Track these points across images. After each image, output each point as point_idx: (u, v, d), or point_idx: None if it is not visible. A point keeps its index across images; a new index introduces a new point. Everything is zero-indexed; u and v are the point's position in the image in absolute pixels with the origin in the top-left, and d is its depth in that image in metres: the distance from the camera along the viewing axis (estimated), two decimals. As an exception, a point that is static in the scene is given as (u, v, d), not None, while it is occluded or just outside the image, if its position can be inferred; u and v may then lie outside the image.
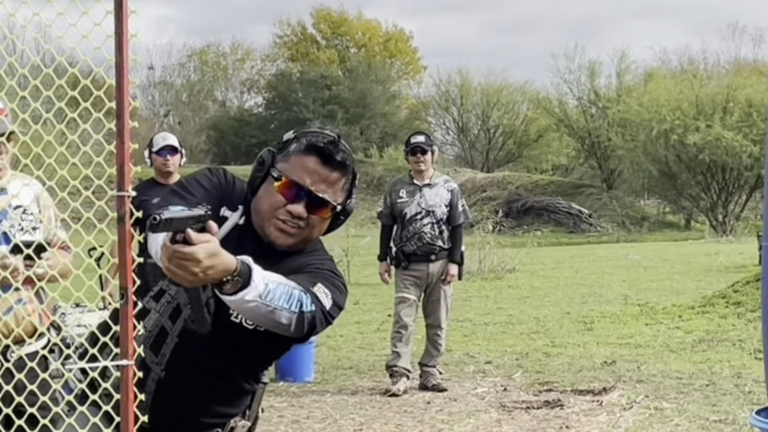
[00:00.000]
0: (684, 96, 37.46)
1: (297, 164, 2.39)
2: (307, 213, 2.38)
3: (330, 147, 2.39)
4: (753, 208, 36.96)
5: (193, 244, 2.01)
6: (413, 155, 7.70)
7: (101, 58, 1.91)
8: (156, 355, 2.38)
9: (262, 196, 2.41)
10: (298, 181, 2.38)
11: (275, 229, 2.39)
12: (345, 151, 2.42)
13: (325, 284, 2.40)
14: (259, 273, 2.17)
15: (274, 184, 2.39)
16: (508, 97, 51.97)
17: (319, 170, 2.39)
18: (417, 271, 7.64)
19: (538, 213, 38.37)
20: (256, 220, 2.43)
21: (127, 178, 1.90)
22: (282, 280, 2.25)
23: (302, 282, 2.32)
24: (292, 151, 2.41)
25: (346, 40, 57.44)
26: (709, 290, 13.16)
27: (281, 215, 2.38)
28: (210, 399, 2.45)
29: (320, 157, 2.39)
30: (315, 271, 2.42)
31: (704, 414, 6.52)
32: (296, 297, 2.26)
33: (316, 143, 2.40)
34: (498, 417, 6.72)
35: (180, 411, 2.41)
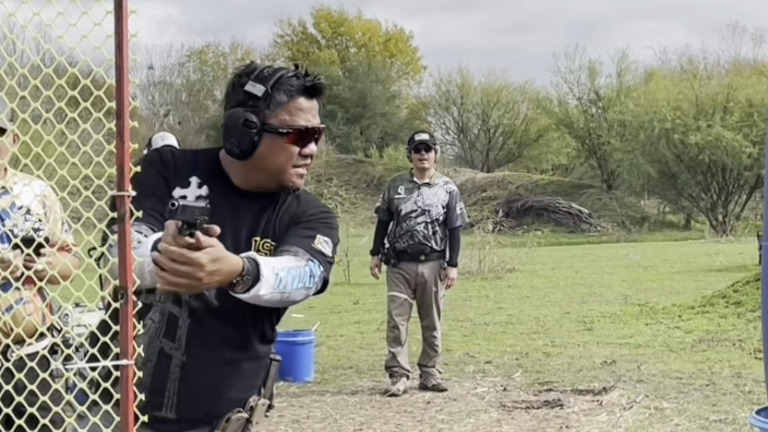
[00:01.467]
0: (684, 96, 37.45)
1: (293, 110, 2.42)
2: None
3: (312, 80, 2.44)
4: (753, 208, 36.95)
5: (202, 246, 2.04)
6: (417, 152, 7.69)
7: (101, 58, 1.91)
8: (173, 341, 2.39)
9: (269, 154, 2.41)
10: (306, 126, 2.43)
11: (296, 177, 2.45)
12: (319, 76, 2.48)
13: (322, 231, 2.46)
14: (268, 265, 2.20)
15: (280, 139, 2.41)
16: (509, 97, 51.95)
17: (311, 106, 2.45)
18: (405, 271, 7.63)
19: (538, 213, 38.37)
20: (262, 177, 2.45)
21: (127, 178, 1.90)
22: (290, 263, 2.29)
23: (303, 243, 2.38)
24: (281, 101, 2.41)
25: (347, 39, 57.44)
26: (709, 290, 13.17)
27: (299, 162, 2.44)
28: (232, 371, 2.44)
29: (307, 94, 2.44)
30: (310, 219, 2.48)
31: (704, 414, 6.52)
32: (307, 273, 2.32)
33: (303, 84, 2.43)
34: (498, 417, 6.72)
35: (206, 391, 2.42)
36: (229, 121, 2.41)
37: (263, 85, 2.40)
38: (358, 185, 44.15)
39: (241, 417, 2.50)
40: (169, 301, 2.38)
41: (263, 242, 2.45)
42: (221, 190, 2.45)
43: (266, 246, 2.45)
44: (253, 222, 2.46)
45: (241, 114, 2.39)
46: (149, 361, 2.38)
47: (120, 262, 1.91)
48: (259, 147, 2.41)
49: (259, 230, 2.46)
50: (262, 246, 2.44)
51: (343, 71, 55.05)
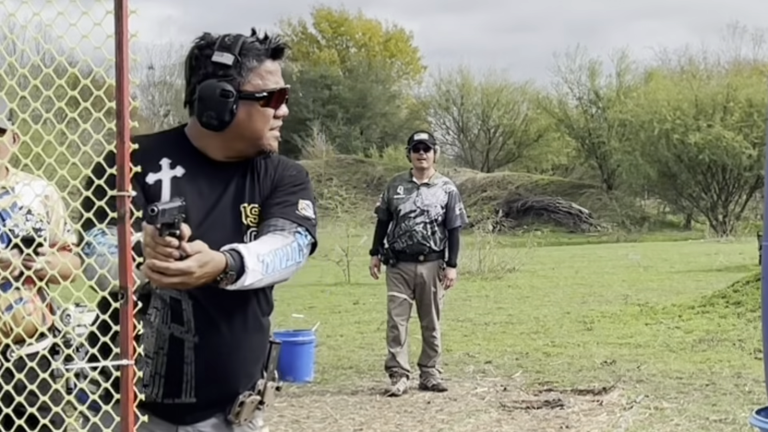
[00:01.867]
0: (683, 96, 37.44)
1: (264, 74, 2.45)
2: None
3: (277, 42, 2.47)
4: (753, 207, 36.94)
5: (189, 254, 2.08)
6: (416, 152, 7.69)
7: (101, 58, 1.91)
8: (182, 325, 2.39)
9: (248, 120, 2.43)
10: (277, 88, 2.46)
11: (273, 139, 2.49)
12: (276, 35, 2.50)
13: (302, 194, 2.51)
14: (252, 254, 2.24)
15: (256, 104, 2.43)
16: (509, 97, 51.94)
17: (276, 68, 2.48)
18: (404, 271, 7.63)
19: (538, 213, 38.35)
20: (240, 145, 2.46)
21: (127, 178, 1.90)
22: (276, 244, 2.33)
23: (289, 213, 2.43)
24: (251, 67, 2.43)
25: (347, 39, 57.43)
26: (709, 290, 13.16)
27: (274, 124, 2.48)
28: (243, 344, 2.45)
29: (273, 56, 2.47)
30: (290, 183, 2.51)
31: (704, 414, 6.52)
32: (295, 249, 2.37)
33: (268, 48, 2.46)
34: (498, 417, 6.73)
35: (223, 368, 2.43)
36: (204, 94, 2.39)
37: (231, 53, 2.41)
38: (358, 185, 44.14)
39: (255, 399, 2.51)
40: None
41: (251, 208, 2.47)
42: (197, 167, 2.45)
43: (254, 211, 2.47)
44: (238, 190, 2.47)
45: (216, 85, 2.39)
46: (161, 349, 2.38)
47: (120, 262, 1.91)
48: (237, 115, 2.41)
49: (246, 197, 2.47)
50: (250, 212, 2.46)
51: (343, 71, 55.04)
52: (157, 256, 2.09)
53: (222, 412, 2.49)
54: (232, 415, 2.48)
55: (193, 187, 2.42)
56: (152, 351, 2.38)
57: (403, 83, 58.41)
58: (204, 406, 2.44)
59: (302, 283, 16.82)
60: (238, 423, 2.49)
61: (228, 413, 2.48)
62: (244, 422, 2.51)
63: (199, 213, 2.39)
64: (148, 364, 2.36)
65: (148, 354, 2.36)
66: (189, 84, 2.45)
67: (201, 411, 2.45)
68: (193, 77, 2.43)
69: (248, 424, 2.54)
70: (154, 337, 2.38)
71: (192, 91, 2.43)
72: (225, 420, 2.49)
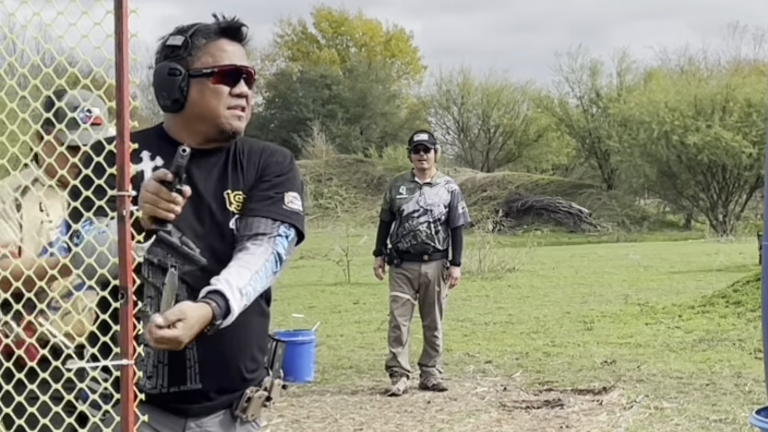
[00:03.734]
0: (682, 96, 37.44)
1: (215, 51, 2.43)
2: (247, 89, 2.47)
3: (233, 24, 2.46)
4: (753, 207, 36.94)
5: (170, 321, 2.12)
6: (416, 153, 7.70)
7: (101, 57, 1.91)
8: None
9: (201, 99, 2.42)
10: (230, 64, 2.43)
11: (233, 118, 2.45)
12: (243, 24, 2.49)
13: (289, 185, 2.49)
14: (234, 292, 2.24)
15: (207, 80, 2.41)
16: (509, 97, 51.96)
17: (234, 48, 2.45)
18: (409, 271, 7.64)
19: (538, 212, 38.35)
20: (202, 127, 2.45)
21: (127, 178, 1.90)
22: (254, 267, 2.31)
23: (273, 210, 2.42)
24: (201, 45, 2.43)
25: (347, 39, 57.42)
26: (709, 290, 13.17)
27: (231, 103, 2.44)
28: (244, 326, 2.42)
29: (229, 36, 2.45)
30: (275, 171, 2.50)
31: (704, 413, 6.52)
32: (272, 261, 2.36)
33: (222, 26, 2.45)
34: (498, 416, 6.72)
35: (226, 351, 2.42)
36: (155, 77, 2.42)
37: (182, 35, 2.43)
38: (358, 185, 44.13)
39: (262, 395, 2.51)
40: (158, 274, 2.35)
41: (235, 195, 2.46)
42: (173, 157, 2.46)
43: (238, 198, 2.46)
44: (220, 177, 2.47)
45: (165, 65, 2.41)
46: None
47: (120, 262, 1.91)
48: (190, 95, 2.41)
49: (229, 184, 2.47)
50: (234, 198, 2.46)
51: (343, 71, 55.03)
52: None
53: (228, 408, 2.48)
54: (239, 410, 2.48)
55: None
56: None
57: (403, 83, 58.41)
58: (210, 393, 2.43)
59: (302, 283, 16.83)
60: (245, 418, 2.49)
61: (235, 408, 2.48)
62: (251, 417, 2.51)
63: (197, 196, 2.39)
64: (149, 354, 2.35)
65: (148, 344, 2.36)
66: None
67: (208, 401, 2.44)
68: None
69: (253, 422, 2.53)
70: None
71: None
72: (231, 416, 2.49)
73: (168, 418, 2.42)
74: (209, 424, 2.46)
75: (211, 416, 2.46)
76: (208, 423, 2.46)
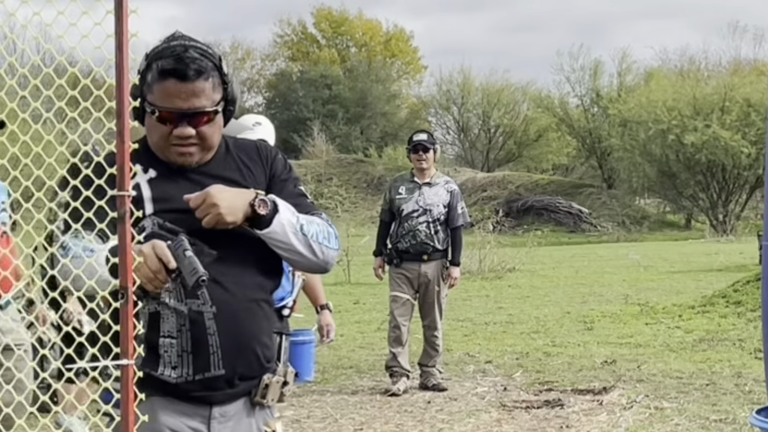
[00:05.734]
0: (681, 96, 37.45)
1: (161, 92, 2.40)
2: (194, 129, 2.42)
3: (179, 66, 2.37)
4: (753, 207, 36.95)
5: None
6: (415, 153, 7.70)
7: (101, 57, 1.91)
8: (197, 298, 2.42)
9: (149, 129, 2.45)
10: (170, 108, 2.38)
11: (177, 155, 2.45)
12: (197, 58, 2.38)
13: (299, 180, 2.62)
14: (284, 204, 2.41)
15: (152, 116, 2.42)
16: (509, 97, 51.98)
17: (181, 88, 2.37)
18: (409, 271, 7.64)
19: (538, 212, 38.38)
20: (158, 153, 2.47)
21: (127, 178, 1.90)
22: (307, 215, 2.47)
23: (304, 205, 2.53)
24: (150, 80, 2.40)
25: (347, 39, 57.43)
26: (709, 290, 13.17)
27: (174, 141, 2.43)
28: (257, 310, 2.48)
29: (176, 77, 2.37)
30: (282, 171, 2.56)
31: (704, 413, 6.52)
32: (332, 228, 2.53)
33: (165, 67, 2.38)
34: (498, 416, 6.72)
35: (244, 334, 2.46)
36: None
37: (144, 60, 2.42)
38: (358, 185, 44.15)
39: (279, 380, 2.56)
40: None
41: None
42: (166, 169, 2.47)
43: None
44: (220, 181, 2.47)
45: (134, 84, 2.40)
46: (183, 327, 2.40)
47: (120, 262, 1.91)
48: (145, 121, 2.44)
49: (236, 185, 2.48)
50: None
51: (343, 71, 55.04)
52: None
53: (248, 396, 2.53)
54: (258, 396, 2.53)
55: (171, 184, 2.45)
56: (175, 330, 2.40)
57: (403, 83, 58.43)
58: (234, 379, 2.47)
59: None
60: (266, 403, 2.55)
61: (254, 396, 2.53)
62: (272, 403, 2.57)
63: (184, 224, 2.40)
64: (173, 344, 2.39)
65: (171, 334, 2.39)
66: None
67: (231, 387, 2.48)
68: None
69: (269, 410, 2.59)
70: (173, 316, 2.40)
71: None
72: (251, 404, 2.54)
73: (193, 408, 2.46)
74: (231, 412, 2.51)
75: (233, 404, 2.51)
76: (231, 411, 2.51)
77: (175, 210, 2.40)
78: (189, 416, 2.46)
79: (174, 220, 2.37)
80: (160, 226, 2.37)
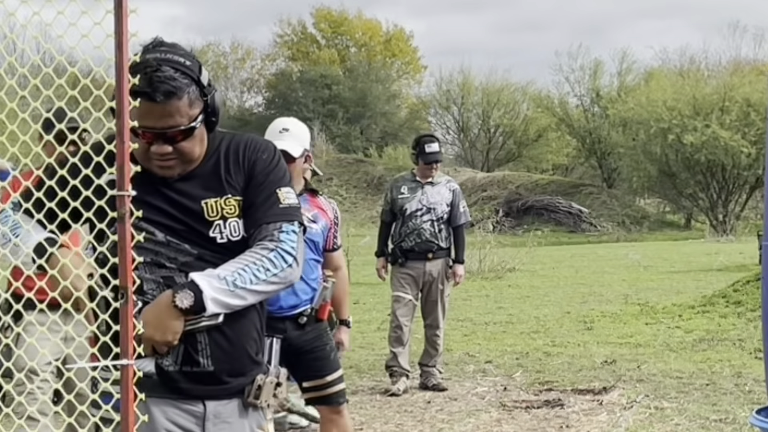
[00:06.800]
0: (680, 96, 37.43)
1: (135, 110, 2.31)
2: (171, 146, 2.42)
3: (148, 89, 2.31)
4: (753, 207, 36.92)
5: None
6: (427, 164, 7.68)
7: (101, 57, 1.91)
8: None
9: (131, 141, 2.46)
10: (145, 128, 2.34)
11: (159, 169, 2.46)
12: (168, 78, 2.34)
13: (281, 180, 2.53)
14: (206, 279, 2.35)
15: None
16: (509, 97, 51.95)
17: (152, 109, 2.33)
18: (413, 269, 7.65)
19: (538, 212, 38.35)
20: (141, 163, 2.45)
21: (126, 178, 1.91)
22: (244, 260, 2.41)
23: (271, 213, 2.47)
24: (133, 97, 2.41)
25: (347, 39, 57.40)
26: (709, 290, 13.16)
27: (153, 157, 2.43)
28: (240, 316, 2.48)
29: (146, 98, 2.32)
30: (264, 168, 2.52)
31: (704, 413, 6.52)
32: (276, 257, 2.43)
33: (136, 89, 2.27)
34: (498, 416, 6.73)
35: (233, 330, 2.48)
36: None
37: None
38: (358, 185, 44.13)
39: (273, 380, 2.58)
40: (154, 267, 2.45)
41: (225, 200, 2.49)
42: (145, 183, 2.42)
43: (221, 204, 2.49)
44: (203, 186, 2.50)
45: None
46: None
47: (120, 262, 1.91)
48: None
49: (211, 192, 2.50)
50: (224, 203, 2.49)
51: (343, 71, 55.00)
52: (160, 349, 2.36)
53: (241, 396, 2.55)
54: (251, 397, 2.55)
55: (160, 184, 2.47)
56: None
57: (403, 83, 58.38)
58: (223, 376, 2.49)
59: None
60: (260, 404, 2.56)
61: (247, 396, 2.54)
62: (265, 404, 2.58)
63: (176, 207, 2.46)
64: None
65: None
66: None
67: (221, 383, 2.50)
68: None
69: (261, 414, 2.60)
70: None
71: None
72: (244, 405, 2.55)
73: (186, 406, 2.48)
74: (225, 414, 2.52)
75: (227, 405, 2.52)
76: (225, 412, 2.52)
77: (155, 218, 2.42)
78: (183, 417, 2.48)
79: (156, 221, 2.42)
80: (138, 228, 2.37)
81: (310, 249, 4.57)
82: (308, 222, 4.50)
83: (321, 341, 4.64)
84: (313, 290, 4.64)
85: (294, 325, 4.53)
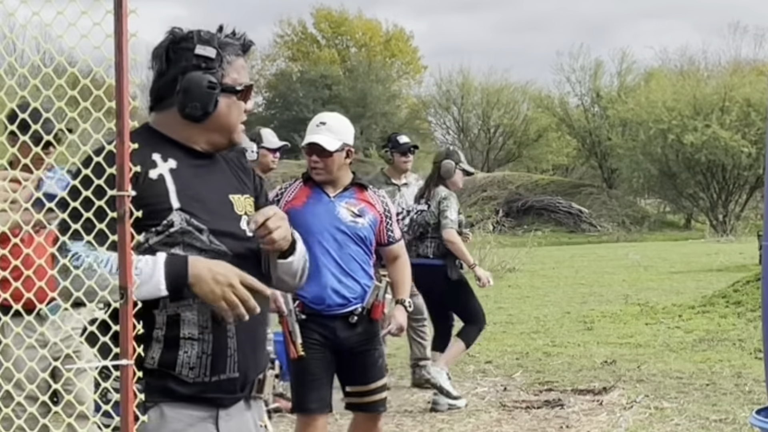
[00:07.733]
0: (680, 96, 37.43)
1: (239, 69, 2.53)
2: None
3: (250, 41, 2.57)
4: (753, 207, 36.90)
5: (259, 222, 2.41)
6: (404, 155, 7.71)
7: (101, 57, 1.91)
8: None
9: (227, 113, 2.50)
10: (250, 83, 2.56)
11: (241, 132, 2.56)
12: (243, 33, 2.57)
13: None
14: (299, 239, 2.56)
15: (234, 97, 2.50)
16: (509, 97, 51.95)
17: (245, 64, 2.55)
18: None
19: (538, 213, 38.33)
20: (217, 137, 2.52)
21: (126, 178, 1.91)
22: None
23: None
24: (229, 60, 2.49)
25: (347, 39, 57.40)
26: (709, 290, 13.16)
27: (243, 118, 2.55)
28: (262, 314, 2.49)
29: (244, 51, 2.55)
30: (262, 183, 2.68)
31: (704, 413, 6.52)
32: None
33: (241, 44, 2.54)
34: (498, 416, 6.73)
35: (254, 338, 2.51)
36: (189, 85, 2.43)
37: (213, 47, 2.47)
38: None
39: (272, 373, 2.64)
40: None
41: (238, 198, 2.54)
42: (187, 158, 2.50)
43: (242, 202, 2.55)
44: (226, 180, 2.56)
45: (203, 77, 2.43)
46: (205, 329, 2.41)
47: (120, 262, 1.91)
48: (219, 107, 2.48)
49: (233, 188, 2.55)
50: (239, 201, 2.53)
51: (343, 71, 55.01)
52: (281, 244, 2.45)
53: (242, 392, 2.56)
54: (255, 391, 2.57)
55: (193, 175, 2.48)
56: (197, 333, 2.40)
57: (403, 83, 58.38)
58: (243, 382, 2.51)
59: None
60: (262, 397, 2.60)
61: (250, 391, 2.56)
62: (266, 396, 2.62)
63: (211, 197, 2.47)
64: (194, 345, 2.40)
65: (193, 336, 2.39)
66: (163, 75, 2.47)
67: (239, 390, 2.51)
68: (171, 69, 2.46)
69: (261, 405, 2.66)
70: (195, 318, 2.40)
71: (169, 83, 2.45)
72: (245, 401, 2.57)
73: (201, 412, 2.47)
74: (234, 410, 2.53)
75: (235, 404, 2.54)
76: (233, 409, 2.53)
77: (199, 204, 2.43)
78: (197, 421, 2.46)
79: (199, 216, 2.41)
80: (188, 222, 2.39)
81: (357, 244, 4.44)
82: (353, 216, 4.43)
83: (371, 345, 4.53)
84: (363, 288, 4.48)
85: (344, 325, 4.44)
